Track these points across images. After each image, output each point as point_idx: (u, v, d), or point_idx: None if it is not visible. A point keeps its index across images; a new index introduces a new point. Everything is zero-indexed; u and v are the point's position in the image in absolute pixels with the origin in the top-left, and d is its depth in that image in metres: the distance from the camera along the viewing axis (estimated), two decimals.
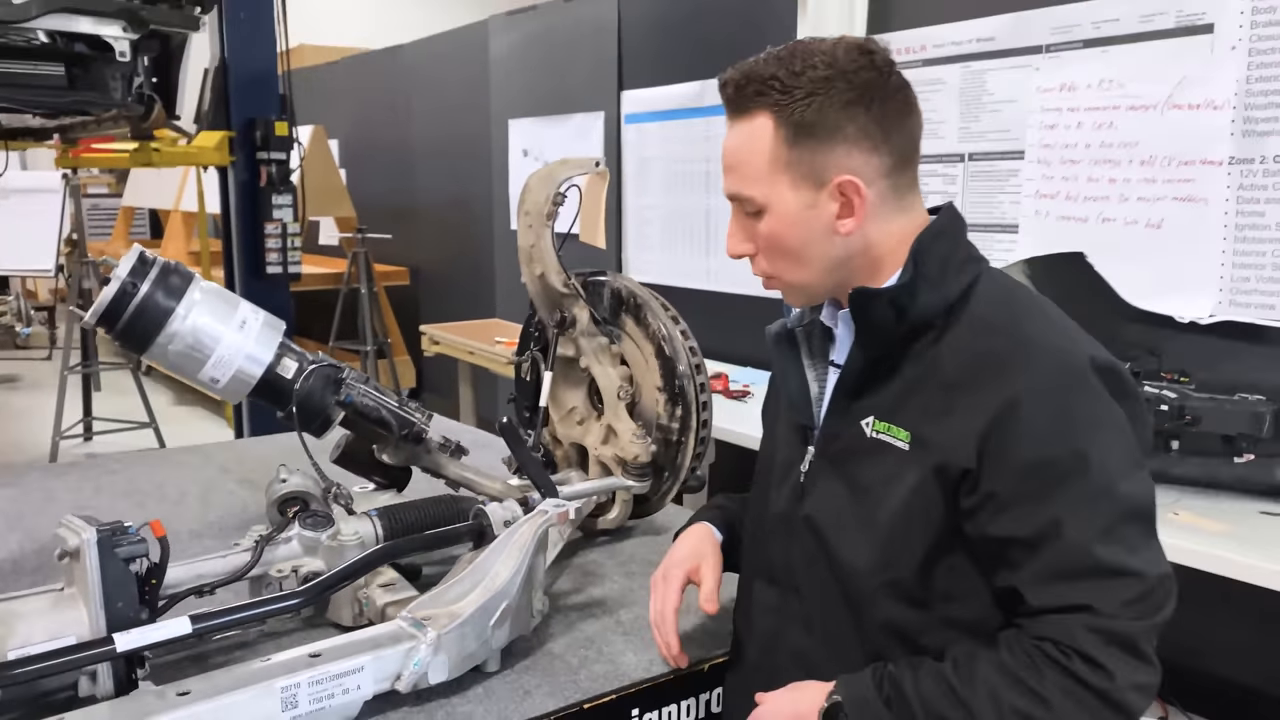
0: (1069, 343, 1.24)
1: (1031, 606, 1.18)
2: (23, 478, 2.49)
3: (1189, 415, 2.48)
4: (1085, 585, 1.16)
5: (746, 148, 1.29)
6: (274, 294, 4.74)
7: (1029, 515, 1.18)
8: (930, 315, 1.27)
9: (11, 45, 2.46)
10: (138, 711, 1.19)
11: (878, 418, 1.30)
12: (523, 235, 2.02)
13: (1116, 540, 1.17)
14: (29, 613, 1.32)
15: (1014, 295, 1.31)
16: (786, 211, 1.28)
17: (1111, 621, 1.14)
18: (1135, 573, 1.16)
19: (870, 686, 1.23)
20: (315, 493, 1.71)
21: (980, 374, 1.22)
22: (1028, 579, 1.19)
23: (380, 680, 1.35)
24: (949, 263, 1.29)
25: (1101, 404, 1.20)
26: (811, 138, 1.25)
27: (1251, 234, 2.69)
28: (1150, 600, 1.16)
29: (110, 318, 1.60)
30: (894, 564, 1.27)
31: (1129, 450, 1.21)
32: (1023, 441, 1.18)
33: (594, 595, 1.79)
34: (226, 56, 4.77)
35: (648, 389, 2.00)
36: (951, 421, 1.22)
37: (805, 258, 1.31)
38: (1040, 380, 1.19)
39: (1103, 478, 1.17)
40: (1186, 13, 2.78)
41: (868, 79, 1.25)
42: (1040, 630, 1.17)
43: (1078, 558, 1.16)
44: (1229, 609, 2.68)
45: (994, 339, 1.24)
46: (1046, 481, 1.17)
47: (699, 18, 4.40)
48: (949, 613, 1.26)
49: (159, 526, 1.37)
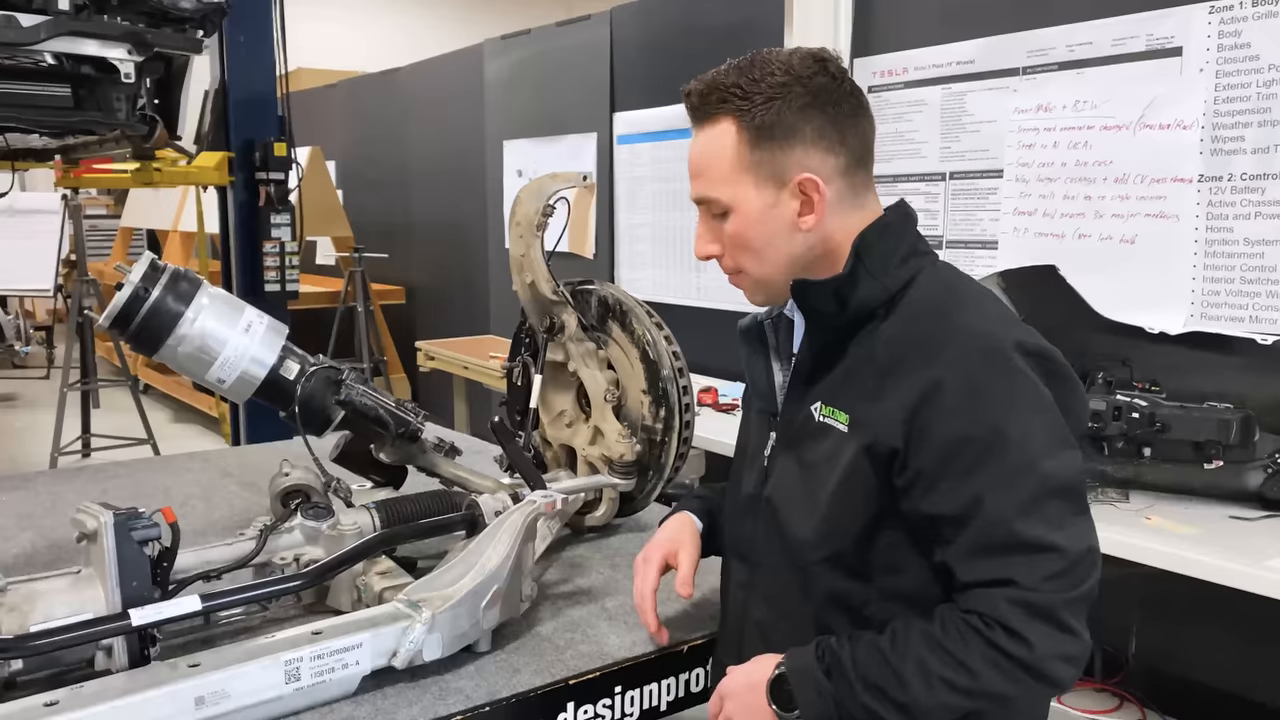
0: (996, 328, 1.29)
1: (960, 581, 1.24)
2: (31, 482, 2.56)
3: (1160, 423, 2.53)
4: (1007, 560, 1.20)
5: (711, 153, 1.37)
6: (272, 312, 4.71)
7: (953, 492, 1.23)
8: (871, 305, 1.34)
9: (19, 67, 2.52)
10: (151, 680, 1.27)
11: (824, 402, 1.36)
12: (514, 245, 2.12)
13: (1038, 516, 1.21)
14: (49, 591, 1.41)
15: (952, 287, 1.37)
16: (751, 211, 1.36)
17: (1032, 594, 1.19)
18: (1056, 547, 1.20)
19: (812, 657, 1.29)
20: (317, 486, 1.78)
21: (908, 357, 1.28)
22: (955, 554, 1.24)
23: (378, 656, 1.43)
24: (891, 256, 1.35)
25: (1023, 384, 1.24)
26: (771, 140, 1.33)
27: (1221, 249, 2.77)
28: (1072, 574, 1.20)
29: (123, 321, 1.67)
30: (834, 538, 1.33)
31: (1053, 429, 1.25)
32: (944, 420, 1.23)
33: (581, 585, 1.87)
34: (227, 79, 4.83)
35: (633, 392, 2.08)
36: (882, 403, 1.28)
37: (769, 254, 1.38)
38: (961, 362, 1.25)
39: (1022, 455, 1.21)
40: (1156, 36, 2.86)
41: (821, 84, 1.33)
42: (968, 603, 1.22)
43: (999, 533, 1.21)
44: (1202, 612, 2.75)
45: (923, 324, 1.30)
46: (967, 459, 1.22)
47: (689, 42, 4.48)
48: (890, 585, 1.32)
49: (170, 513, 1.45)
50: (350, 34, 12.43)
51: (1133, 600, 2.90)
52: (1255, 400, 2.57)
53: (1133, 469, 2.59)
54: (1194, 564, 2.23)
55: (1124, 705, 2.84)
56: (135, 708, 1.24)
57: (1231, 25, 2.71)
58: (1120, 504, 2.54)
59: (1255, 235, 2.69)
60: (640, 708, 1.59)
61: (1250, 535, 2.34)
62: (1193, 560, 2.24)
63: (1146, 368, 2.73)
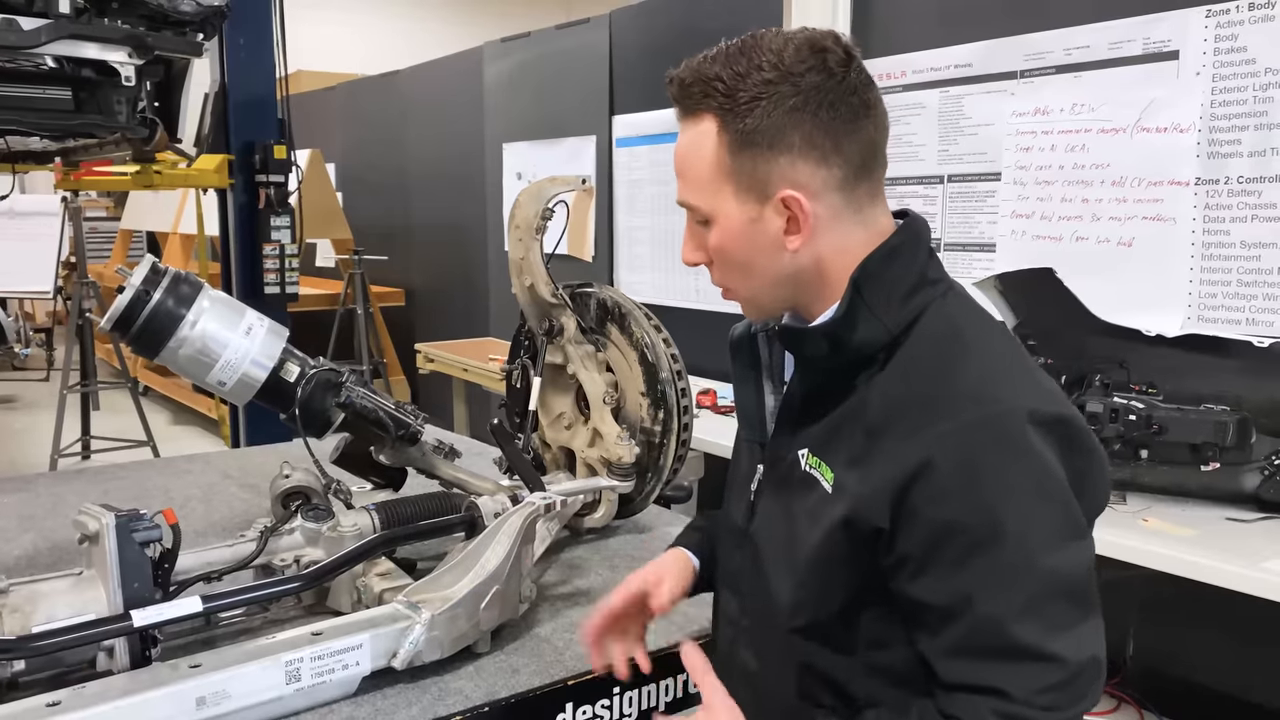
0: (1005, 393, 1.11)
1: (942, 680, 1.10)
2: (32, 484, 2.57)
3: (1157, 425, 2.54)
4: (997, 666, 1.06)
5: (692, 153, 1.20)
6: (271, 314, 4.73)
7: (941, 583, 1.08)
8: (872, 348, 1.17)
9: (20, 70, 2.53)
10: (152, 680, 1.28)
11: (811, 450, 1.21)
12: (513, 248, 2.13)
13: (1035, 619, 1.05)
14: (51, 592, 1.42)
15: (959, 334, 1.18)
16: (731, 224, 1.20)
17: (1023, 709, 1.04)
18: (1055, 657, 1.05)
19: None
20: (317, 488, 1.79)
21: (900, 422, 1.11)
22: (939, 650, 1.10)
23: (378, 657, 1.44)
24: (897, 288, 1.17)
25: (1027, 464, 1.07)
26: (753, 146, 1.15)
27: (1218, 251, 2.77)
28: (1070, 689, 1.06)
29: (124, 323, 1.68)
30: (811, 607, 1.19)
31: (1060, 518, 1.08)
32: (934, 503, 1.07)
33: (580, 586, 1.88)
34: (226, 81, 4.84)
35: (631, 394, 2.09)
36: (867, 472, 1.12)
37: (753, 272, 1.22)
38: (958, 435, 1.07)
39: (1020, 550, 1.05)
40: (1153, 40, 2.87)
41: (815, 82, 1.14)
42: (950, 707, 1.08)
43: (990, 636, 1.06)
44: (1199, 614, 2.76)
45: (920, 384, 1.13)
46: (957, 549, 1.07)
47: (688, 45, 4.45)
48: (875, 660, 1.17)
49: (171, 514, 1.46)
50: (350, 36, 12.45)
51: (1130, 602, 2.91)
52: (1252, 402, 2.58)
53: (1130, 471, 2.60)
54: (1191, 566, 2.24)
55: (1121, 707, 2.85)
56: (137, 708, 1.25)
57: (1228, 29, 2.71)
58: (1117, 506, 2.55)
59: (1252, 238, 2.69)
60: (639, 708, 1.60)
61: (1247, 537, 2.35)
62: (1190, 562, 2.24)
63: (1143, 370, 2.74)
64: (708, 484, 3.47)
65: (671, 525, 2.25)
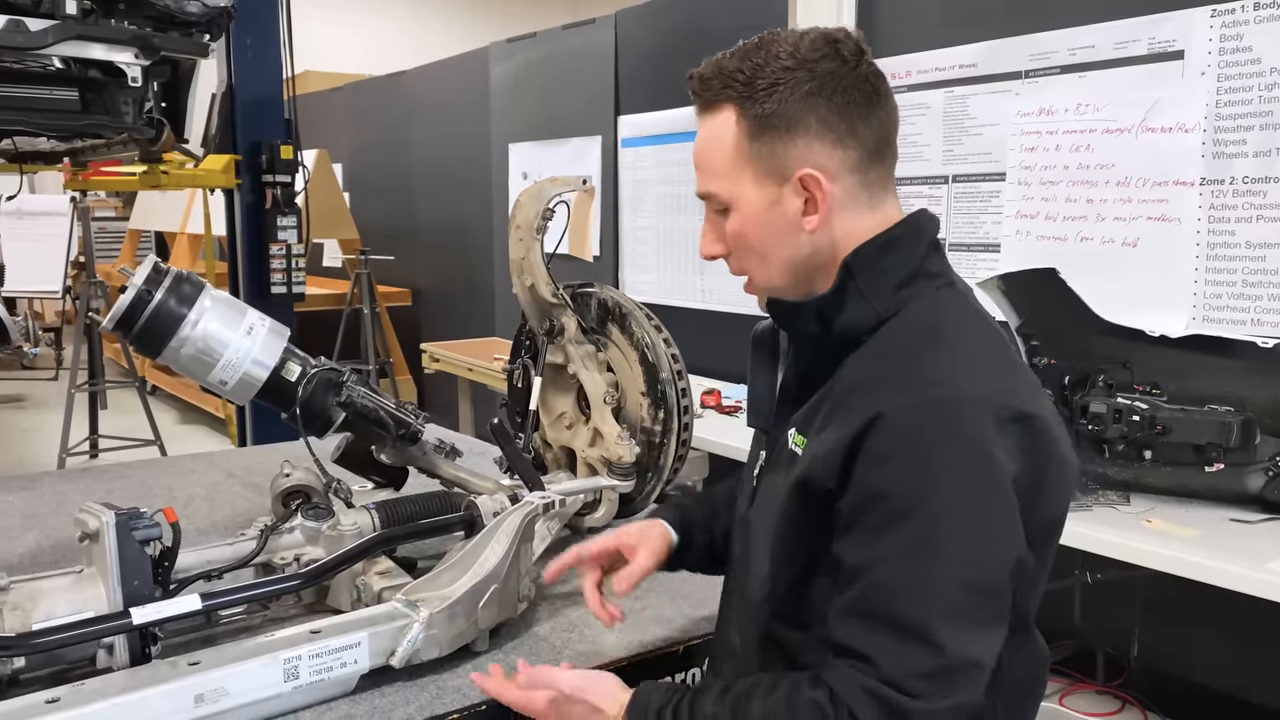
0: (967, 382, 1.12)
1: (830, 637, 1.12)
2: (37, 482, 2.58)
3: (1160, 426, 2.53)
4: (876, 636, 1.07)
5: (712, 144, 1.26)
6: (278, 314, 4.70)
7: (857, 545, 1.11)
8: (858, 330, 1.21)
9: (27, 71, 2.54)
10: (151, 678, 1.29)
11: (796, 429, 1.25)
12: (514, 249, 2.13)
13: (928, 600, 1.06)
14: (51, 590, 1.43)
15: (939, 324, 1.20)
16: (751, 209, 1.24)
17: (890, 691, 1.04)
18: (934, 644, 1.04)
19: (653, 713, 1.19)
20: (317, 487, 1.80)
21: (860, 394, 1.14)
22: (836, 609, 1.12)
23: (376, 655, 1.44)
24: (890, 276, 1.21)
25: (970, 452, 1.08)
26: (772, 130, 1.20)
27: (1223, 251, 2.77)
28: (942, 681, 1.04)
29: (126, 322, 1.68)
30: (774, 579, 1.23)
31: (989, 514, 1.08)
32: (869, 468, 1.10)
33: (578, 585, 1.87)
34: (233, 82, 4.86)
35: (632, 394, 2.10)
36: (825, 440, 1.16)
37: (771, 256, 1.26)
38: (909, 411, 1.10)
39: (934, 531, 1.06)
40: (1158, 40, 2.87)
41: (829, 69, 1.19)
42: (829, 672, 1.10)
43: (878, 603, 1.07)
44: (1203, 615, 2.75)
45: (886, 361, 1.17)
46: (876, 516, 1.09)
47: (693, 45, 4.46)
48: (824, 635, 1.17)
49: (171, 513, 1.47)
50: (356, 37, 12.48)
51: (1134, 603, 2.90)
52: (1256, 403, 2.57)
53: (1133, 471, 2.60)
54: (1195, 567, 2.23)
55: (1126, 708, 2.85)
56: (135, 705, 1.25)
57: (1233, 29, 2.71)
58: (1121, 507, 2.54)
59: (1257, 238, 2.69)
60: None
61: (1251, 538, 2.34)
62: (1194, 563, 2.23)
63: (1147, 370, 2.73)
64: (711, 484, 3.47)
65: None
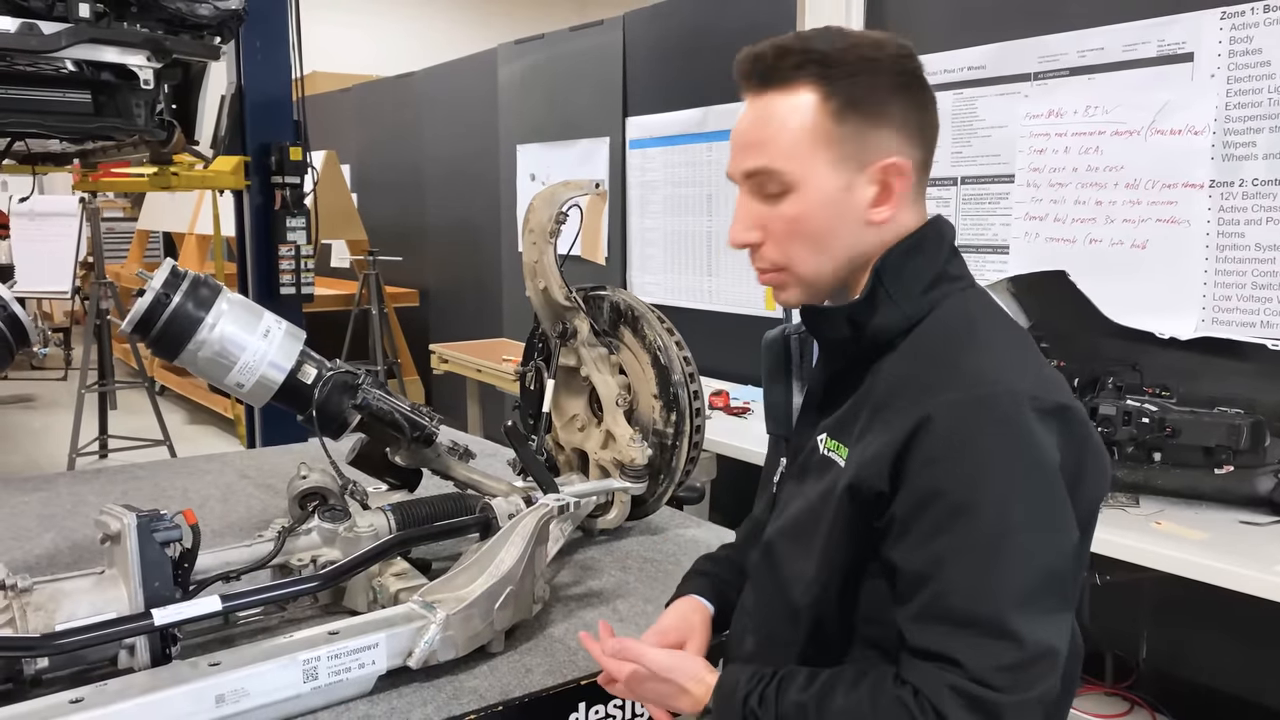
0: (1008, 376, 1.13)
1: (908, 644, 1.11)
2: (52, 483, 2.60)
3: (1170, 428, 2.53)
4: (957, 636, 1.07)
5: (781, 121, 1.20)
6: (287, 315, 4.71)
7: (919, 547, 1.10)
8: (890, 333, 1.21)
9: (41, 74, 2.55)
10: (173, 678, 1.31)
11: (829, 434, 1.25)
12: (527, 252, 2.14)
13: (1000, 595, 1.06)
14: (73, 591, 1.44)
15: (972, 322, 1.22)
16: (820, 192, 1.20)
17: (978, 687, 1.04)
18: (1013, 636, 1.05)
19: (739, 700, 1.18)
20: (333, 489, 1.81)
21: (902, 395, 1.15)
22: (907, 614, 1.11)
23: (393, 656, 1.46)
24: (917, 280, 1.22)
25: (1021, 445, 1.09)
26: (859, 114, 1.18)
27: (1232, 254, 2.77)
28: (1026, 672, 1.05)
29: (144, 326, 1.70)
30: (822, 583, 1.22)
31: (1044, 504, 1.10)
32: (922, 468, 1.10)
33: (592, 587, 1.90)
34: (243, 83, 4.87)
35: (644, 396, 2.11)
36: (871, 441, 1.16)
37: (827, 245, 1.22)
38: (957, 408, 1.10)
39: (997, 524, 1.07)
40: (1168, 42, 2.87)
41: (911, 67, 1.21)
42: (910, 674, 1.09)
43: (953, 604, 1.07)
44: (1212, 617, 2.75)
45: (926, 361, 1.18)
46: (936, 515, 1.09)
47: (702, 47, 4.51)
48: (869, 633, 1.21)
49: (191, 515, 1.49)
50: (364, 38, 12.49)
51: (1143, 605, 2.91)
52: (1265, 405, 2.57)
53: (1143, 474, 2.60)
54: (1204, 569, 2.23)
55: (1135, 710, 2.85)
56: (158, 705, 1.27)
57: (1243, 31, 2.71)
58: (1130, 509, 2.55)
59: (1266, 240, 2.69)
60: None
61: (1261, 540, 2.34)
62: (1203, 565, 2.24)
63: (1157, 373, 2.73)
64: (720, 485, 3.48)
65: (684, 527, 2.26)
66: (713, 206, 4.58)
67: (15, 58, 2.31)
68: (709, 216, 4.61)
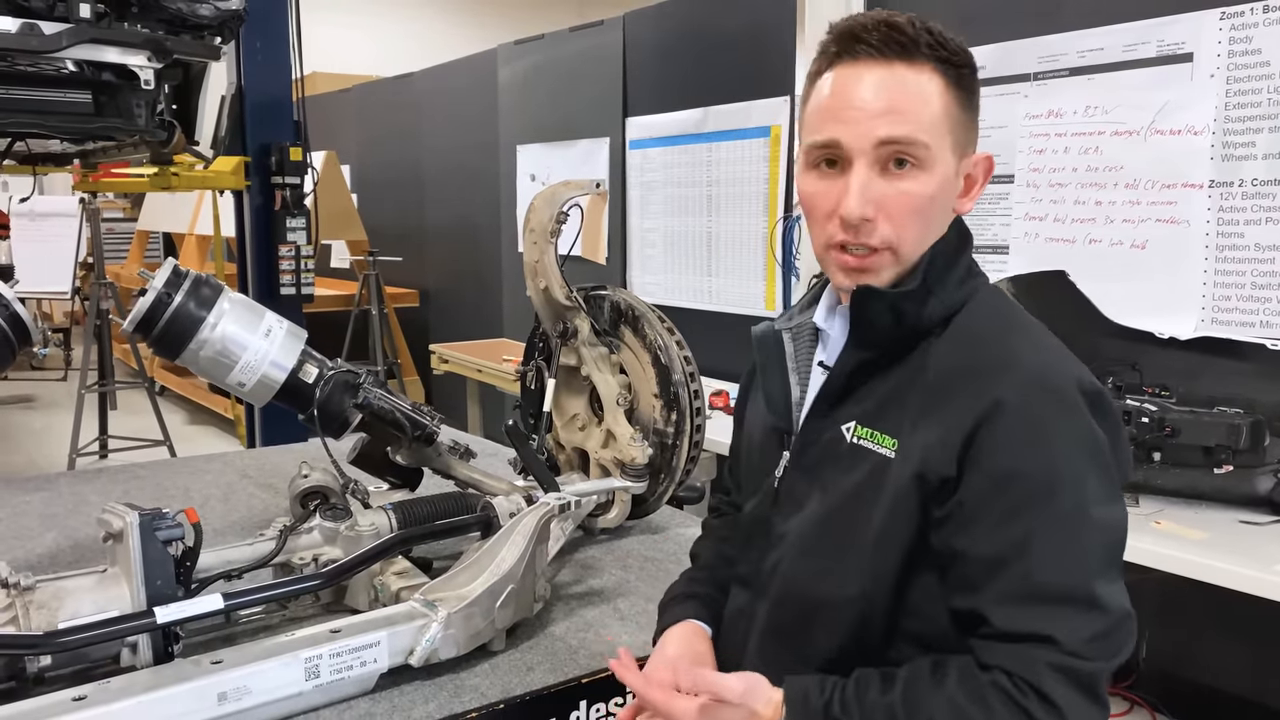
0: (1056, 361, 1.20)
1: (994, 629, 1.10)
2: (54, 483, 2.60)
3: (1169, 427, 2.54)
4: (1050, 613, 1.08)
5: (916, 94, 1.19)
6: (287, 316, 4.74)
7: (994, 531, 1.12)
8: (931, 323, 1.23)
9: (41, 74, 2.55)
10: (176, 676, 1.31)
11: (860, 423, 1.24)
12: (528, 252, 2.15)
13: (1086, 568, 1.10)
14: (76, 589, 1.44)
15: (1007, 313, 1.28)
16: (945, 174, 1.22)
17: (1074, 660, 1.07)
18: (1102, 606, 1.09)
19: (819, 709, 1.14)
20: (335, 488, 1.81)
21: (965, 382, 1.17)
22: (990, 599, 1.11)
23: (395, 654, 1.46)
24: (956, 275, 1.25)
25: (1083, 425, 1.14)
26: (971, 107, 1.24)
27: (1231, 254, 2.77)
28: (1113, 638, 1.10)
29: (146, 325, 1.70)
30: (868, 576, 1.20)
31: (1107, 477, 1.15)
32: (997, 451, 1.12)
33: (593, 586, 1.90)
34: (243, 84, 4.88)
35: (645, 395, 2.11)
36: (933, 429, 1.16)
37: (934, 227, 1.25)
38: (1021, 392, 1.14)
39: (1077, 500, 1.11)
40: (1167, 42, 2.87)
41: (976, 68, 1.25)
42: (998, 658, 1.09)
43: (1044, 581, 1.09)
44: (1212, 617, 2.76)
45: (981, 349, 1.20)
46: (1016, 497, 1.11)
47: (702, 47, 4.51)
48: (911, 627, 1.20)
49: (193, 514, 1.49)
50: (364, 38, 12.50)
51: (1143, 605, 2.89)
52: (1265, 405, 2.58)
53: (1142, 473, 2.60)
54: (1204, 569, 2.24)
55: (1135, 709, 2.85)
56: (160, 703, 1.27)
57: (1242, 31, 2.72)
58: (1130, 508, 2.54)
59: (1266, 240, 2.70)
60: None
61: (1260, 540, 2.35)
62: (1203, 565, 2.24)
63: (1156, 372, 2.73)
64: (719, 484, 3.47)
65: (684, 526, 2.27)
66: (712, 206, 4.58)
67: (16, 58, 2.31)
68: (709, 217, 4.62)
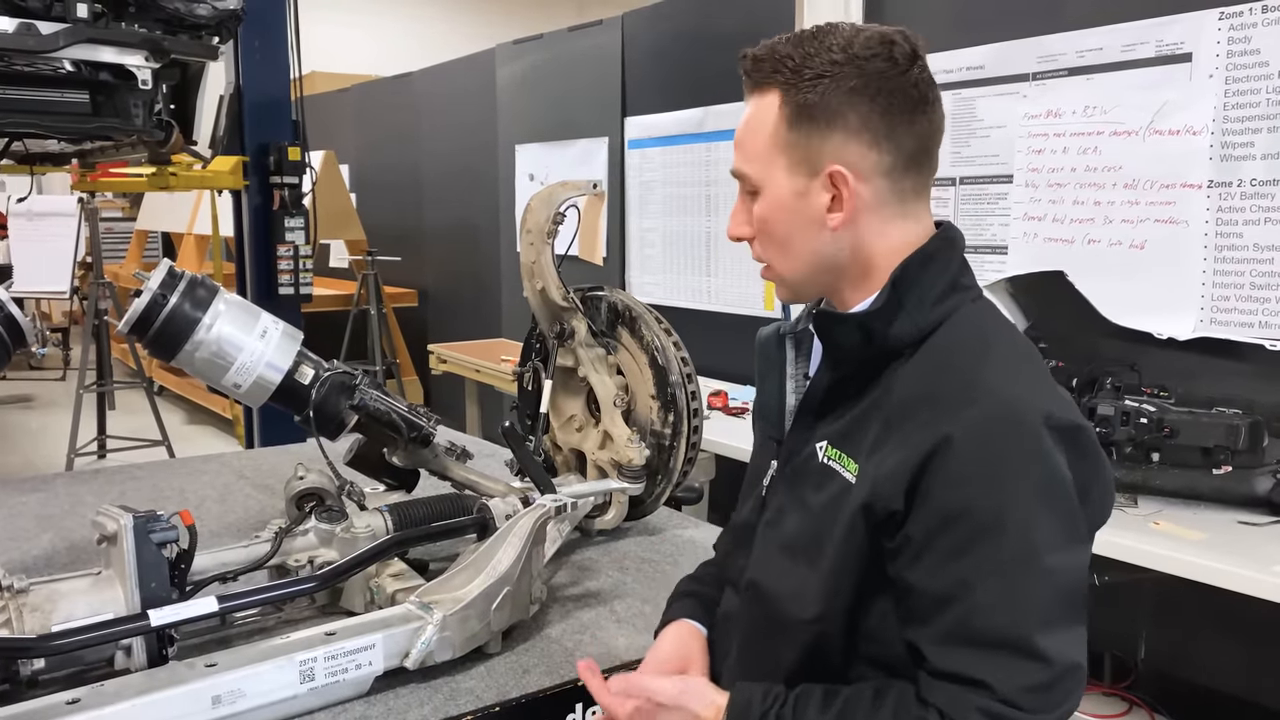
0: (1026, 394, 1.13)
1: (929, 666, 1.10)
2: (50, 484, 2.60)
3: (1168, 428, 2.54)
4: (985, 657, 1.06)
5: (752, 124, 1.24)
6: (285, 316, 4.71)
7: (940, 568, 1.09)
8: (901, 344, 1.20)
9: (39, 74, 2.55)
10: (170, 679, 1.30)
11: (830, 443, 1.24)
12: (525, 252, 2.14)
13: (1029, 614, 1.06)
14: (70, 592, 1.44)
15: (985, 335, 1.21)
16: (778, 195, 1.23)
17: (1006, 709, 1.04)
18: (1042, 656, 1.05)
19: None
20: (330, 489, 1.81)
21: (920, 411, 1.13)
22: (929, 636, 1.10)
23: (390, 657, 1.46)
24: (931, 290, 1.20)
25: (1041, 463, 1.09)
26: (810, 121, 1.19)
27: (1230, 254, 2.77)
28: (1055, 691, 1.06)
29: (141, 326, 1.70)
30: (827, 597, 1.19)
31: (1063, 521, 1.10)
32: (945, 487, 1.09)
33: (590, 588, 1.90)
34: (241, 83, 4.87)
35: (642, 397, 2.11)
36: (886, 459, 1.14)
37: (792, 249, 1.25)
38: (978, 428, 1.09)
39: (1023, 543, 1.07)
40: (1166, 42, 2.87)
41: (879, 69, 1.18)
42: (935, 696, 1.09)
43: (981, 625, 1.07)
44: (1210, 617, 2.75)
45: (946, 375, 1.16)
46: (960, 535, 1.08)
47: (700, 47, 4.51)
48: (871, 651, 1.19)
49: (188, 516, 1.49)
50: (363, 38, 12.48)
51: (1141, 605, 2.91)
52: (1264, 405, 2.57)
53: (1141, 474, 2.60)
54: (1202, 569, 2.24)
55: (1133, 710, 2.85)
56: (154, 706, 1.27)
57: (1241, 31, 2.72)
58: (1128, 509, 2.55)
59: (1265, 241, 2.70)
60: None
61: (1259, 540, 2.35)
62: (1201, 565, 2.24)
63: (1155, 373, 2.73)
64: (718, 485, 3.48)
65: (682, 528, 2.26)
66: (711, 206, 4.58)
67: (13, 58, 2.31)
68: (708, 217, 4.61)
